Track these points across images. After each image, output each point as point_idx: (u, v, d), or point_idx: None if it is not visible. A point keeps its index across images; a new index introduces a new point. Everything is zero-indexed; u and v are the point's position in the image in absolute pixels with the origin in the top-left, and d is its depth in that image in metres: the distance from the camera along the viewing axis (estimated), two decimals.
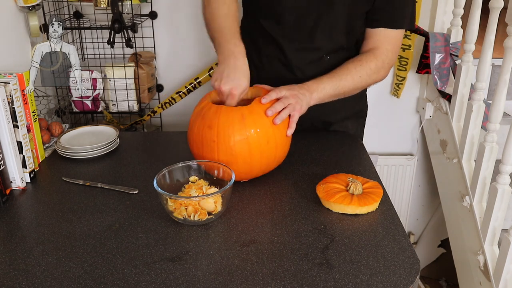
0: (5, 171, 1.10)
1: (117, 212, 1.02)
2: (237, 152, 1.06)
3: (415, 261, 0.87)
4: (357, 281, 0.81)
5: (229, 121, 1.06)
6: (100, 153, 1.29)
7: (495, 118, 1.48)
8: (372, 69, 1.26)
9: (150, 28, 1.90)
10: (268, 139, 1.08)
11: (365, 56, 1.28)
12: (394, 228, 0.96)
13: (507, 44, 1.41)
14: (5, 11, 1.42)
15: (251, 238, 0.93)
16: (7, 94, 1.08)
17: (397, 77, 2.05)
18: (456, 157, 1.77)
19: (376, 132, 2.18)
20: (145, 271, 0.84)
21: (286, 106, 1.12)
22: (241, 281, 0.81)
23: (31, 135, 1.19)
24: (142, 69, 1.83)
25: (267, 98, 1.11)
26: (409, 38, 1.96)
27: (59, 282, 0.81)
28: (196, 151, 1.12)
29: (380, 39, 1.27)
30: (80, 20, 1.83)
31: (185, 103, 2.01)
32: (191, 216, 0.95)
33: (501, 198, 1.42)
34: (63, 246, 0.91)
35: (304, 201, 1.06)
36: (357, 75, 1.25)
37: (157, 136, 1.52)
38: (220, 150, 1.07)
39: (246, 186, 1.12)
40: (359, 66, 1.25)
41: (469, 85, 1.77)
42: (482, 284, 1.53)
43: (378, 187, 1.06)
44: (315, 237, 0.93)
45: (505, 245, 1.37)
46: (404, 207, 2.31)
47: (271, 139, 1.08)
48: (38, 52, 1.37)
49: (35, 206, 1.07)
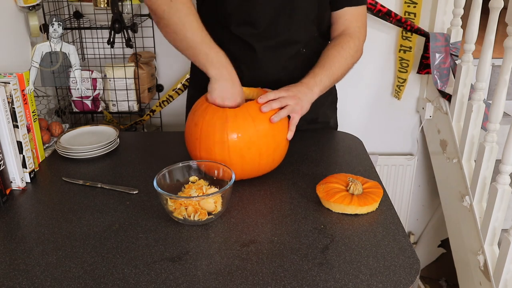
0: (5, 171, 1.10)
1: (117, 212, 1.02)
2: (216, 153, 1.06)
3: (415, 261, 0.87)
4: (357, 281, 0.81)
5: (212, 121, 1.06)
6: (100, 153, 1.29)
7: (495, 118, 1.48)
8: (352, 48, 1.28)
9: (150, 28, 1.90)
10: (251, 145, 1.05)
11: (341, 39, 1.29)
12: (394, 228, 0.96)
13: (507, 44, 1.41)
14: (5, 11, 1.42)
15: (251, 238, 0.93)
16: (7, 94, 1.08)
17: (398, 79, 2.05)
18: (456, 157, 1.77)
19: (376, 132, 2.18)
20: (145, 271, 0.84)
21: (284, 106, 1.11)
22: (241, 281, 0.81)
23: (31, 135, 1.19)
24: (142, 69, 1.83)
25: (264, 98, 1.09)
26: (410, 39, 1.96)
27: (59, 282, 0.81)
28: (186, 145, 1.14)
29: (348, 18, 1.29)
30: (80, 20, 1.83)
31: (185, 103, 2.01)
32: (191, 216, 0.95)
33: (501, 198, 1.42)
34: (63, 246, 0.91)
35: (304, 201, 1.06)
36: (343, 59, 1.26)
37: (157, 136, 1.52)
38: (202, 149, 1.08)
39: (246, 186, 1.12)
40: (341, 50, 1.26)
41: (469, 85, 1.77)
42: (482, 284, 1.53)
43: (378, 187, 1.06)
44: (315, 237, 0.93)
45: (505, 245, 1.37)
46: (404, 207, 2.31)
47: (254, 145, 1.06)
48: (38, 52, 1.37)
49: (35, 206, 1.07)
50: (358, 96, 2.10)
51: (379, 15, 1.83)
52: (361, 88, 2.08)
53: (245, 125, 1.05)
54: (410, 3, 1.91)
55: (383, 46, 2.04)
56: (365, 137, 1.54)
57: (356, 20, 1.30)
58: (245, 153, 1.06)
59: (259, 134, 1.06)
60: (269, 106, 1.08)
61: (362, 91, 2.10)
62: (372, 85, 2.10)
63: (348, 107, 2.08)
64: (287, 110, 1.11)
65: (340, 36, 1.30)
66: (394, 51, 2.04)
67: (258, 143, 1.06)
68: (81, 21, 1.83)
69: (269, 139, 1.08)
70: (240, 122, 1.05)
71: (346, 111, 1.56)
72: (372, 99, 2.14)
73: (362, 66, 1.36)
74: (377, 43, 2.02)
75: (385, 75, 2.09)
